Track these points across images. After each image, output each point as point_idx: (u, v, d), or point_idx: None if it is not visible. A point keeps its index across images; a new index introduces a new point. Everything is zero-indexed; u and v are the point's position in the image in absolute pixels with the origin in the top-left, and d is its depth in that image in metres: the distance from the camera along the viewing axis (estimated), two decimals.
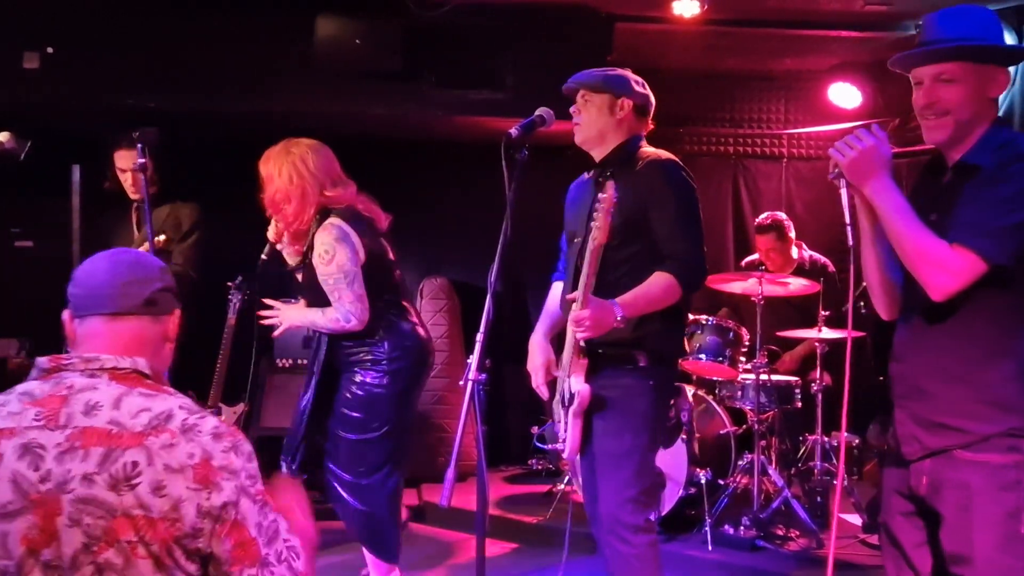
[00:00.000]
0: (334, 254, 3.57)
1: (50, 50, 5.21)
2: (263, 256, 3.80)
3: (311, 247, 3.63)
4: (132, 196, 4.50)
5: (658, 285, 3.02)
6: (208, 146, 6.03)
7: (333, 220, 3.61)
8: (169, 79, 5.35)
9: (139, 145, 3.32)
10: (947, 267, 2.13)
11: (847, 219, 2.28)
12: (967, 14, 2.25)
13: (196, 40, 5.38)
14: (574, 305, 2.96)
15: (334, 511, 3.73)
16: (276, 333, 3.84)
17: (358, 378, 3.65)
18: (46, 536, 1.61)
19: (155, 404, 1.70)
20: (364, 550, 3.75)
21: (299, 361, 5.67)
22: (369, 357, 3.65)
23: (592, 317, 2.91)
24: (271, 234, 3.77)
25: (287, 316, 3.76)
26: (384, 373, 3.65)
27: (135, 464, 1.63)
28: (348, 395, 3.65)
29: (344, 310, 3.58)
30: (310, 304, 3.73)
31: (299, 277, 3.78)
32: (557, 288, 3.41)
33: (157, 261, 1.92)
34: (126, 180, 4.47)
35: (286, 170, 3.62)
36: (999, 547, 2.12)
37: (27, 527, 1.60)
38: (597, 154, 3.23)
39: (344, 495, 3.65)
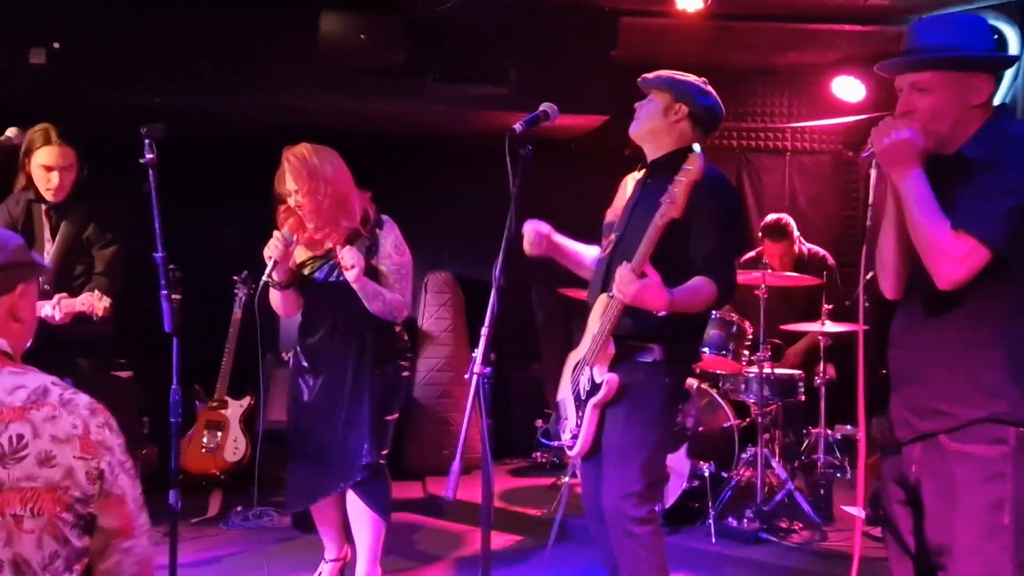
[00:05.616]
0: (405, 249, 3.80)
1: (56, 45, 5.22)
2: (266, 278, 3.56)
3: (372, 247, 3.71)
4: (49, 199, 4.00)
5: (704, 290, 2.99)
6: (213, 142, 6.05)
7: (391, 221, 3.79)
8: (174, 75, 5.37)
9: (147, 141, 3.30)
10: (950, 254, 2.15)
11: (871, 199, 2.33)
12: (950, 23, 2.27)
13: (201, 36, 5.40)
14: (622, 268, 2.91)
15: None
16: (351, 277, 3.53)
17: (388, 367, 3.83)
18: None
19: (28, 381, 1.72)
20: (359, 541, 3.81)
21: None
22: (395, 348, 3.87)
23: (644, 287, 2.85)
24: (275, 250, 3.52)
25: (361, 267, 3.56)
26: (407, 361, 3.94)
27: (20, 437, 1.65)
28: (379, 380, 3.80)
29: (407, 300, 3.77)
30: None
31: (350, 280, 3.56)
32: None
33: None
34: (50, 181, 3.95)
35: (339, 165, 3.67)
36: (982, 537, 2.15)
37: None
38: (650, 152, 3.23)
39: (354, 468, 3.76)
